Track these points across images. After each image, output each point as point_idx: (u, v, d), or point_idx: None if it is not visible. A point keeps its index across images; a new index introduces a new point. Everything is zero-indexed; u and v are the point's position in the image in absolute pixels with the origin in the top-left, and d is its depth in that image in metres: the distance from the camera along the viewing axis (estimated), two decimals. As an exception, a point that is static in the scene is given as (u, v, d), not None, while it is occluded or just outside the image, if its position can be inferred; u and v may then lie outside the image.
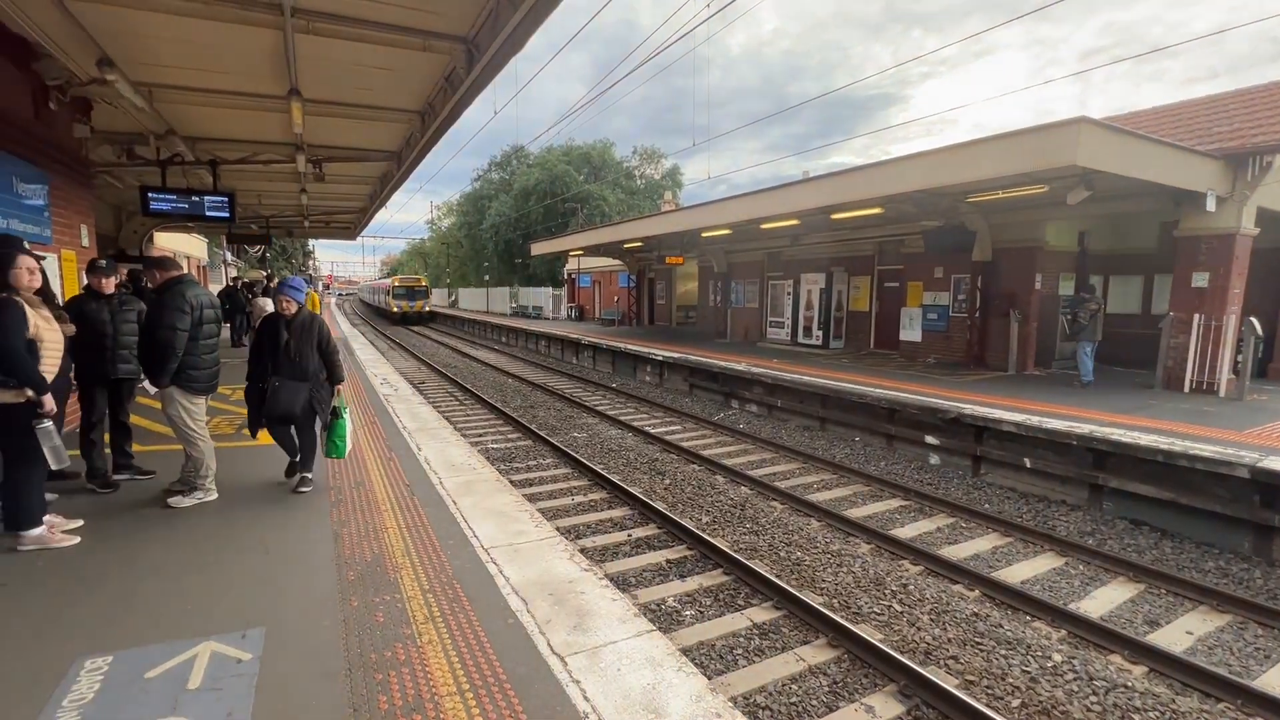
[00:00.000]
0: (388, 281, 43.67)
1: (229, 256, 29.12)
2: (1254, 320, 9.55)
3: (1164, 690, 4.05)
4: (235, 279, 23.55)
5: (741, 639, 4.55)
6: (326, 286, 77.15)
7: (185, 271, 4.83)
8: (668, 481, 8.19)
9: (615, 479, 7.93)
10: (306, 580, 3.52)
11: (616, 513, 7.05)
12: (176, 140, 8.31)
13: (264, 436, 5.07)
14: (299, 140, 8.48)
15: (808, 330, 18.32)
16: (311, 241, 44.48)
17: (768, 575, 5.28)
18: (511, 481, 7.51)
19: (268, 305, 6.61)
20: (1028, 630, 4.73)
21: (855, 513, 7.17)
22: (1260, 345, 10.13)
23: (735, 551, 5.89)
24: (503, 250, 42.84)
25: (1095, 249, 13.65)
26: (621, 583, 5.35)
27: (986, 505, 7.49)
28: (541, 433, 10.39)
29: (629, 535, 6.40)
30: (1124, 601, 5.26)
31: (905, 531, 6.68)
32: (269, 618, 3.11)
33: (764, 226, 14.33)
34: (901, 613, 4.95)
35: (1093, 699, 3.92)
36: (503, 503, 4.90)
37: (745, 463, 9.13)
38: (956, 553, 6.15)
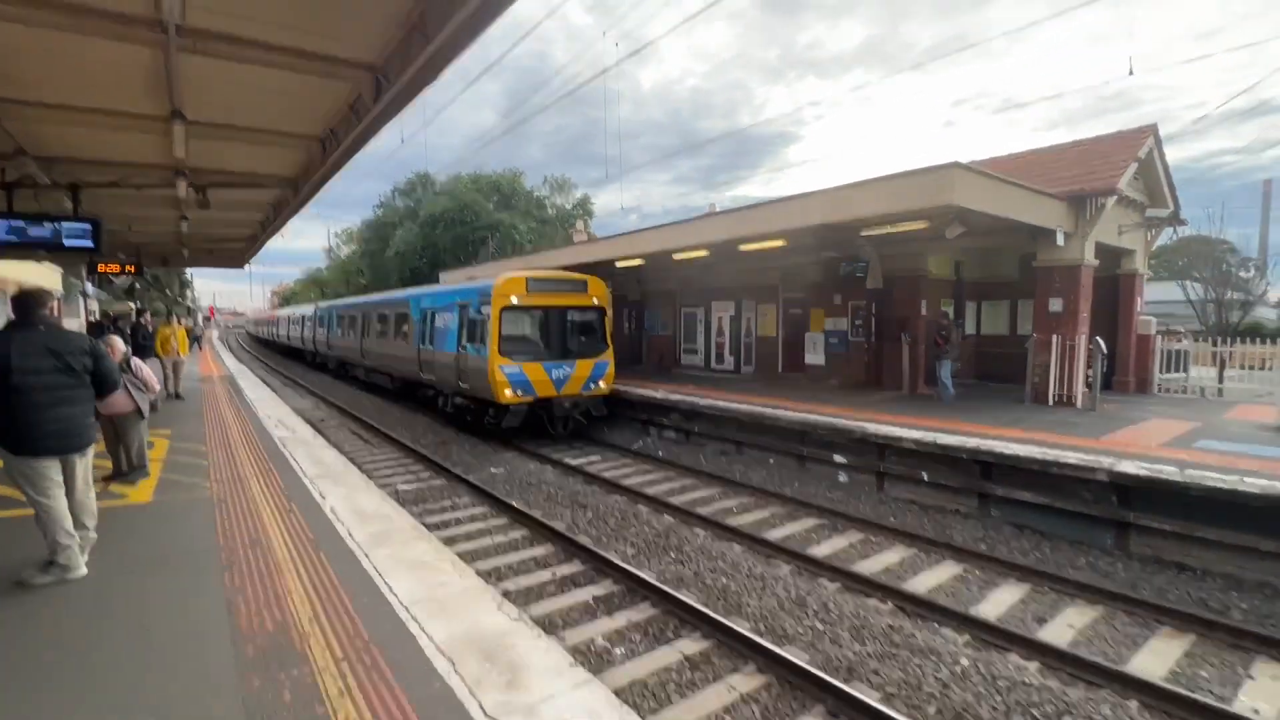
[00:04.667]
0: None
1: (89, 288, 25.73)
2: (1099, 340, 10.93)
3: (1055, 683, 4.43)
4: (102, 314, 21.01)
5: (674, 673, 4.51)
6: (207, 319, 70.64)
7: None
8: (590, 514, 8.07)
9: (537, 515, 7.73)
10: (196, 662, 3.13)
11: (539, 550, 6.85)
12: (27, 161, 7.39)
13: (141, 494, 4.50)
14: (180, 164, 7.80)
15: (720, 356, 18.90)
16: (190, 271, 40.66)
17: (695, 605, 5.30)
18: (428, 526, 7.11)
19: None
20: (937, 638, 5.04)
21: (775, 534, 7.39)
22: (1105, 361, 11.58)
23: (662, 582, 5.87)
24: (409, 279, 41.21)
25: (969, 277, 15.16)
26: (549, 625, 5.18)
27: (892, 519, 7.96)
28: (456, 470, 9.96)
29: (554, 574, 6.23)
30: (1015, 602, 5.74)
31: (821, 550, 6.96)
32: (151, 714, 2.73)
33: (676, 257, 14.76)
34: (824, 631, 5.12)
35: (997, 698, 4.21)
36: (421, 551, 4.62)
37: (666, 490, 9.19)
38: (869, 567, 6.48)
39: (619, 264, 17.09)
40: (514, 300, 11.69)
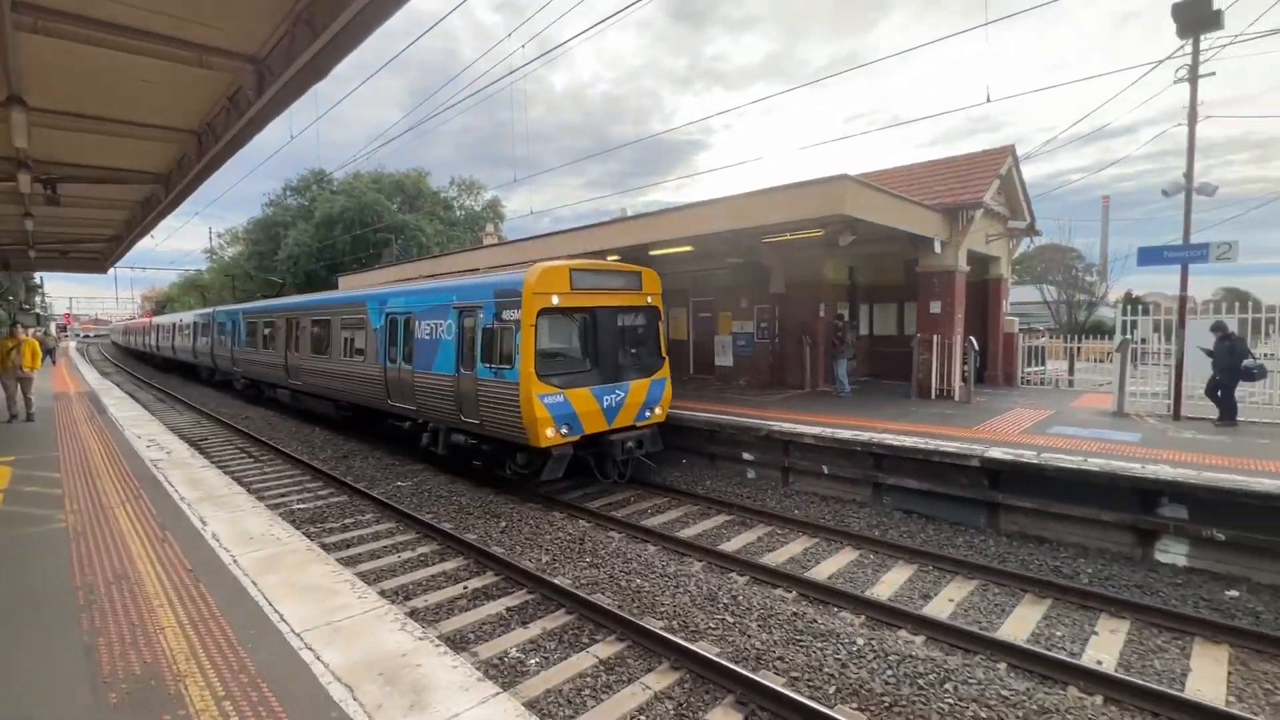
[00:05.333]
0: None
1: (-96, 293, 22.22)
2: (972, 339, 12.08)
3: (938, 654, 4.85)
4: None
5: (589, 679, 4.53)
6: (63, 328, 62.59)
7: None
8: (504, 524, 7.92)
9: (447, 528, 7.48)
10: (50, 716, 2.79)
11: (451, 565, 6.64)
12: None
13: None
14: (21, 155, 6.89)
15: (634, 359, 19.05)
16: (39, 274, 35.82)
17: (610, 608, 5.34)
18: (326, 547, 6.70)
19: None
20: (836, 621, 5.37)
21: (687, 533, 7.58)
22: (978, 358, 12.82)
23: (577, 588, 5.87)
24: (303, 283, 38.53)
25: (862, 282, 16.27)
26: (460, 641, 5.03)
27: (796, 511, 8.39)
28: (359, 485, 9.44)
29: (465, 588, 6.06)
30: (904, 582, 6.22)
31: (732, 545, 7.22)
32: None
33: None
34: (734, 623, 5.31)
35: (889, 673, 4.55)
36: (317, 575, 4.35)
37: (580, 495, 9.18)
38: (776, 559, 6.79)
39: (530, 268, 16.85)
40: (555, 300, 8.37)
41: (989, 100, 8.49)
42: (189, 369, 28.28)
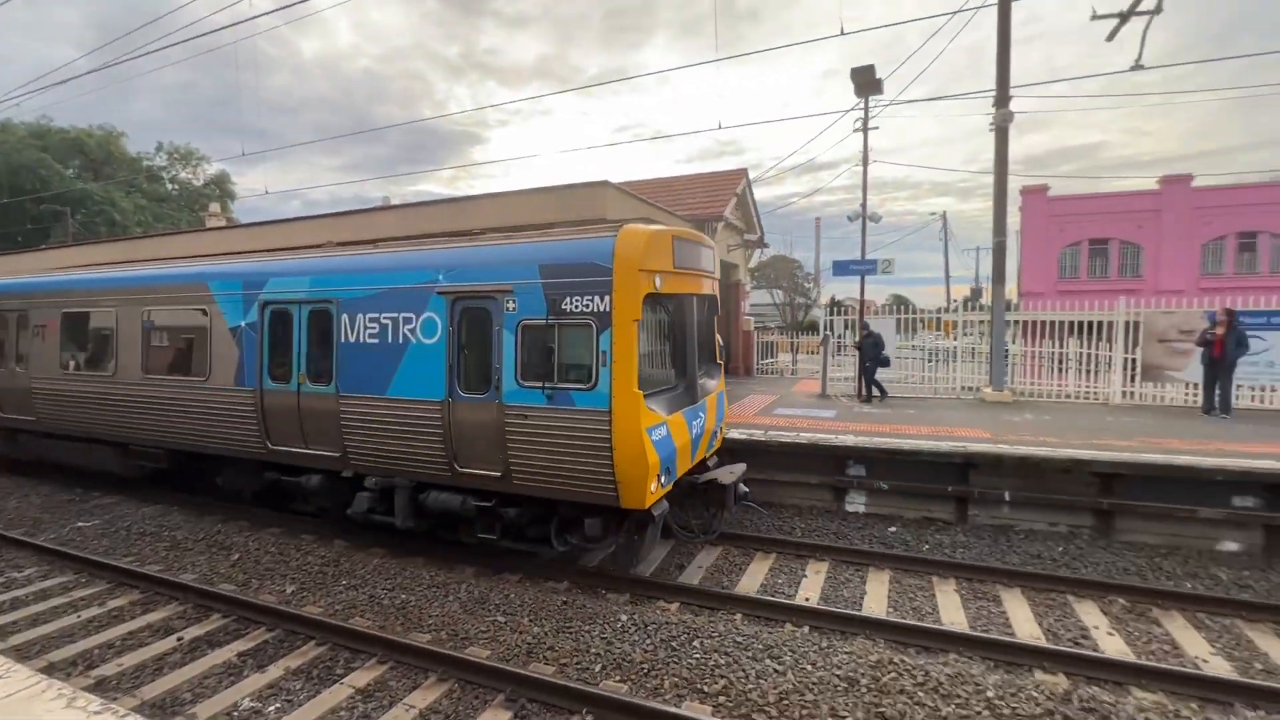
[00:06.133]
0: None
1: None
2: (718, 336, 13.79)
3: (689, 616, 5.47)
4: None
5: (344, 713, 4.14)
6: None
7: None
8: (236, 556, 6.79)
9: (154, 570, 6.16)
10: None
11: (159, 615, 5.49)
12: None
13: None
14: None
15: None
16: None
17: (369, 630, 4.95)
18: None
19: None
20: (603, 603, 5.71)
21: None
22: (724, 353, 14.71)
23: (329, 616, 5.31)
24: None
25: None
26: (172, 705, 4.20)
27: (569, 504, 8.68)
28: (12, 534, 7.24)
29: (180, 639, 5.06)
30: (663, 558, 6.85)
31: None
32: None
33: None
34: (505, 623, 5.32)
35: (647, 641, 4.99)
36: (-68, 660, 3.24)
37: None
38: (548, 553, 6.95)
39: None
40: (658, 283, 5.66)
41: (720, 127, 9.77)
42: None
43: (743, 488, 6.85)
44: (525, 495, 5.87)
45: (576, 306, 5.50)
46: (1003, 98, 10.84)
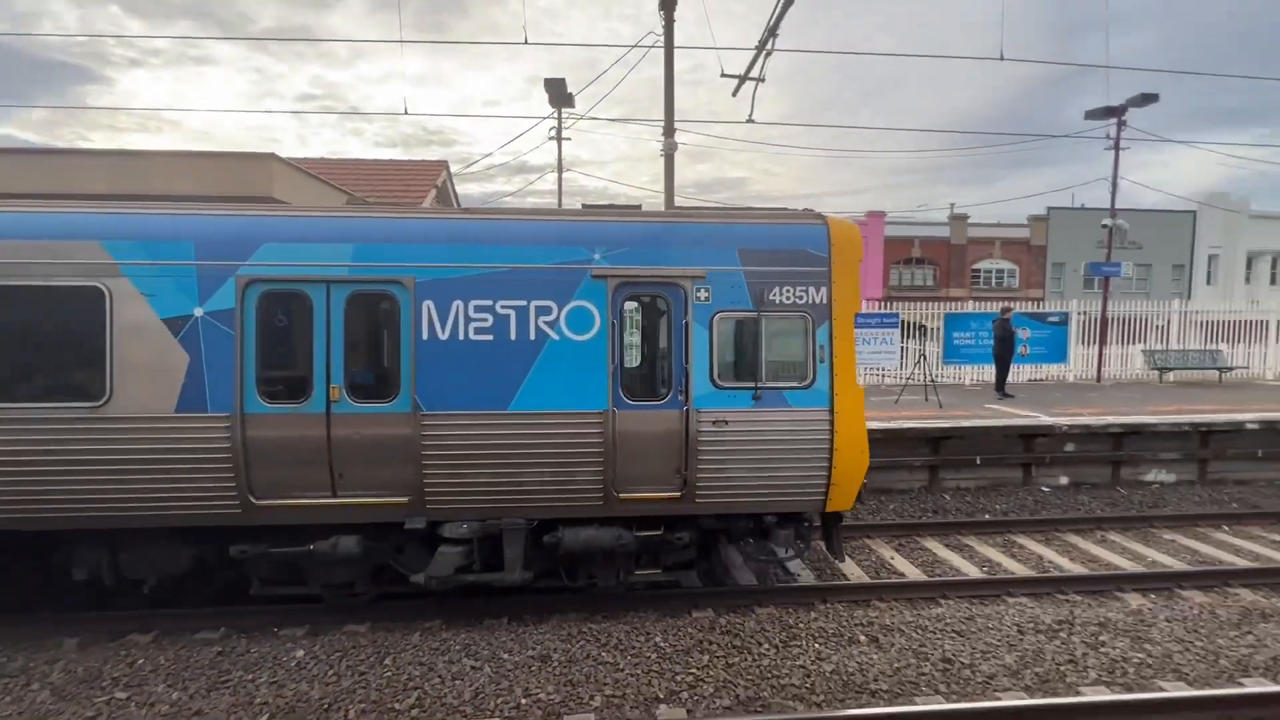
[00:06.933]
0: None
1: None
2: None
3: (381, 635, 5.09)
4: None
5: None
6: None
7: None
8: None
9: None
10: None
11: None
12: None
13: None
14: None
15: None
16: None
17: None
18: None
19: None
20: (270, 643, 4.93)
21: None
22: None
23: None
24: None
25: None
26: None
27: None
28: None
29: None
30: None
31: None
32: None
33: None
34: (126, 699, 4.19)
35: (330, 671, 4.49)
36: None
37: None
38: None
39: None
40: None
41: (406, 113, 9.32)
42: None
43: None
44: (705, 515, 5.25)
45: (787, 298, 5.06)
46: (669, 129, 12.68)
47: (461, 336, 4.85)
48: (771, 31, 10.37)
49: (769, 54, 10.83)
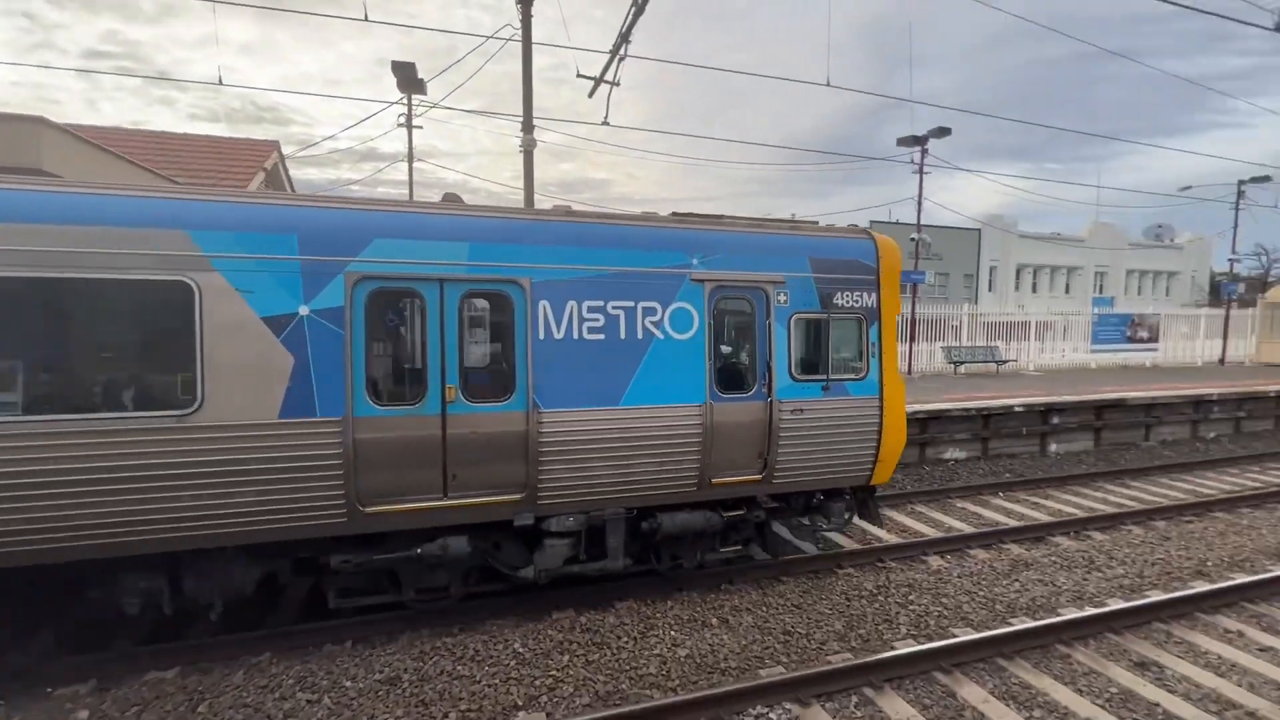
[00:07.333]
0: None
1: None
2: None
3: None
4: None
5: None
6: None
7: None
8: None
9: None
10: None
11: None
12: None
13: None
14: None
15: None
16: None
17: None
18: None
19: None
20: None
21: None
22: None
23: None
24: None
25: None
26: None
27: None
28: None
29: None
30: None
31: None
32: None
33: None
34: None
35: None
36: None
37: None
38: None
39: None
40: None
41: (220, 83, 8.30)
42: None
43: None
44: (777, 494, 5.94)
45: (847, 301, 5.81)
46: (528, 125, 12.47)
47: (575, 336, 5.01)
48: (624, 37, 10.62)
49: (622, 59, 11.08)
